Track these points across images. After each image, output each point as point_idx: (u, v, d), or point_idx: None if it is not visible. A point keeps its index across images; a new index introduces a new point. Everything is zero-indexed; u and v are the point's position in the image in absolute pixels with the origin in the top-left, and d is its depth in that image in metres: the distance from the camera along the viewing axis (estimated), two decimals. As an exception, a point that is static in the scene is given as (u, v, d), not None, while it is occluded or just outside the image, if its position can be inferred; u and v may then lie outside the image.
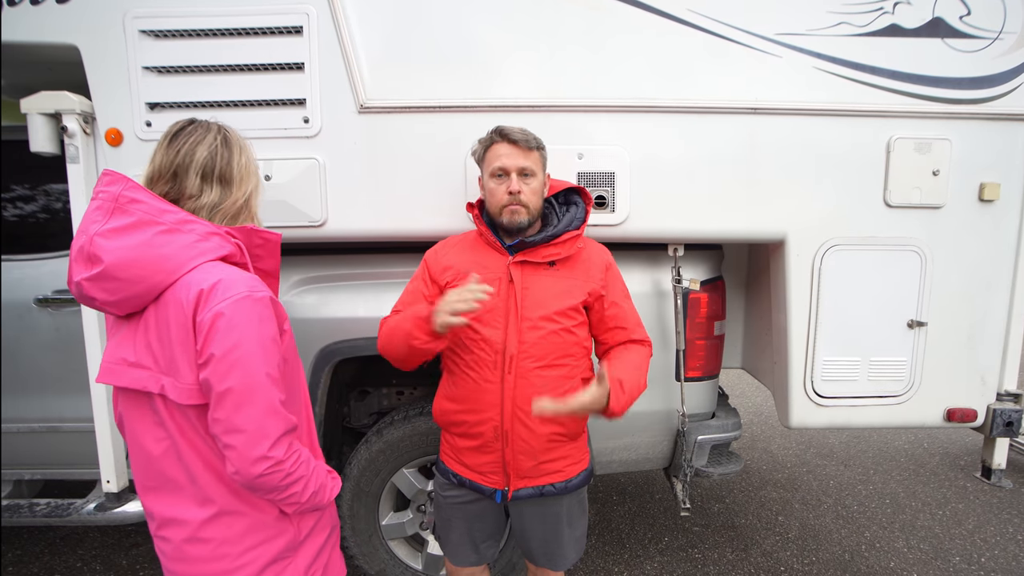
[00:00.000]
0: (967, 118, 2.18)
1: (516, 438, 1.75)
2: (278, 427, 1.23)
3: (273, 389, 1.24)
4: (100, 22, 2.12)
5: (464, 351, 1.76)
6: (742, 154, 2.19)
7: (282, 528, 1.38)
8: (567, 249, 1.78)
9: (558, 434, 1.78)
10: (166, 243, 1.23)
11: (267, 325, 1.25)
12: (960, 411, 2.36)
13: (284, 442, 1.25)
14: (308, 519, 1.43)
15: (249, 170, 1.41)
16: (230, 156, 1.36)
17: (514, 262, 1.76)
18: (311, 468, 1.34)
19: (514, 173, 1.74)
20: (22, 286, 2.45)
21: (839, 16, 2.12)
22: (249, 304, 1.22)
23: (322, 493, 1.38)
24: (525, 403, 1.72)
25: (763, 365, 2.75)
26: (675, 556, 3.20)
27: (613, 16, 2.12)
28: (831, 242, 2.25)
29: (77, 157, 2.16)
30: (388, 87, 2.16)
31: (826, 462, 4.48)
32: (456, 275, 1.79)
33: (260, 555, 1.34)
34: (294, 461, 1.27)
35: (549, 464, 1.80)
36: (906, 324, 2.30)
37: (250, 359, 1.21)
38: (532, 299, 1.74)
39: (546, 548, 1.93)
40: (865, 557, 3.21)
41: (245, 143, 1.42)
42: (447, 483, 1.90)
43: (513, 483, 1.80)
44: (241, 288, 1.22)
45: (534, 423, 1.73)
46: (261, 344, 1.23)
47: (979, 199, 2.24)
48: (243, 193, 1.38)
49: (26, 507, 2.45)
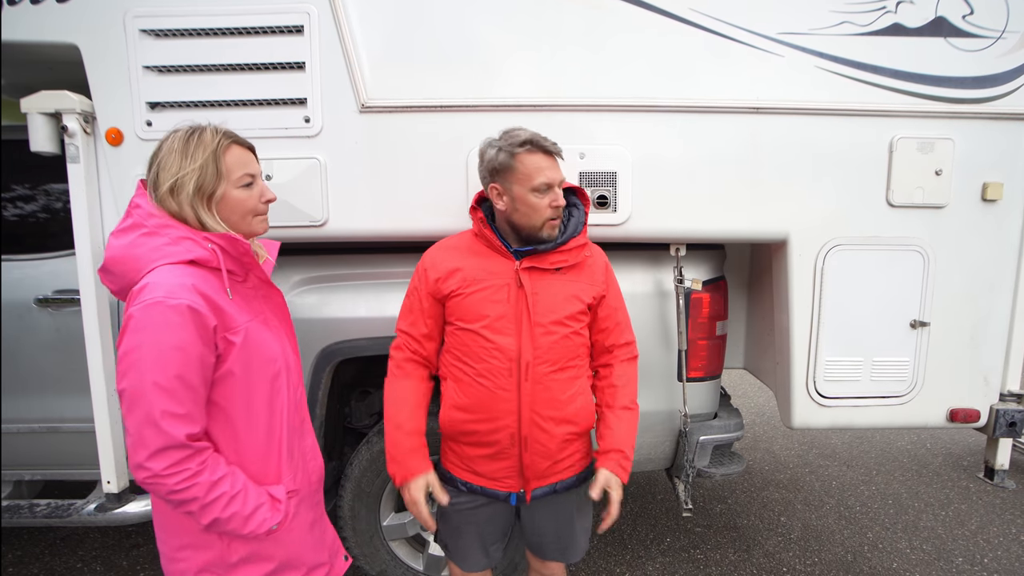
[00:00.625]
0: (970, 117, 2.19)
1: (534, 442, 1.75)
2: (155, 440, 1.21)
3: (158, 400, 1.22)
4: (100, 21, 2.12)
5: (475, 360, 1.74)
6: (744, 154, 2.20)
7: (207, 541, 1.38)
8: (575, 256, 1.80)
9: (572, 433, 1.80)
10: (142, 244, 1.32)
11: (173, 333, 1.23)
12: (963, 411, 2.37)
13: (165, 457, 1.22)
14: (237, 543, 1.39)
15: (162, 176, 1.37)
16: (157, 167, 1.38)
17: (523, 269, 1.75)
18: (219, 492, 1.29)
19: (557, 187, 1.74)
20: (22, 286, 2.45)
21: (842, 15, 2.12)
22: (159, 309, 1.23)
23: (236, 521, 1.32)
24: (543, 408, 1.74)
25: (765, 365, 2.76)
26: (677, 557, 3.21)
27: (614, 15, 2.12)
28: (833, 242, 2.26)
29: (77, 157, 2.16)
30: (389, 86, 2.16)
31: (828, 463, 4.49)
32: (465, 282, 1.75)
33: (190, 557, 1.39)
34: (182, 479, 1.24)
35: (563, 462, 1.83)
36: (909, 324, 2.31)
37: (141, 364, 1.22)
38: (543, 305, 1.74)
39: (559, 542, 1.95)
40: (868, 558, 3.21)
41: (180, 146, 1.37)
42: (454, 491, 1.87)
43: (531, 485, 1.82)
44: (158, 293, 1.24)
45: (551, 426, 1.75)
46: (158, 351, 1.23)
47: (982, 199, 2.24)
48: (160, 194, 1.36)
49: (26, 508, 2.46)
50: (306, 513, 1.55)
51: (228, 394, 1.36)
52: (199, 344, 1.27)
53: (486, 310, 1.73)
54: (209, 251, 1.34)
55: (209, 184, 1.38)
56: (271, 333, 1.49)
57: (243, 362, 1.37)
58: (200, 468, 1.27)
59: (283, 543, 1.47)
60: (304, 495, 1.55)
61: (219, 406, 1.36)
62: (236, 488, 1.33)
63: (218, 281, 1.37)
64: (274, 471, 1.45)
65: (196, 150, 1.37)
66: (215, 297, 1.32)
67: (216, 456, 1.33)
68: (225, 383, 1.35)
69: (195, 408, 1.28)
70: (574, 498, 1.92)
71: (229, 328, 1.34)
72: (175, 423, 1.23)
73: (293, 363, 1.57)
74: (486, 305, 1.73)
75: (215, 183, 1.39)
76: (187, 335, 1.25)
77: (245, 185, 1.45)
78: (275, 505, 1.40)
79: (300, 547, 1.51)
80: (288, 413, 1.49)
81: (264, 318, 1.49)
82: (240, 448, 1.40)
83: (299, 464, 1.54)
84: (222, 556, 1.39)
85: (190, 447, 1.25)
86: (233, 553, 1.39)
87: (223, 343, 1.33)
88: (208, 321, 1.29)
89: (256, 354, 1.40)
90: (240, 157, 1.44)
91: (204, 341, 1.28)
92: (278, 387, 1.46)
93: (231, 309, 1.37)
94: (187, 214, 1.36)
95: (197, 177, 1.36)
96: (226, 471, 1.32)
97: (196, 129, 1.40)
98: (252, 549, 1.41)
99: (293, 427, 1.52)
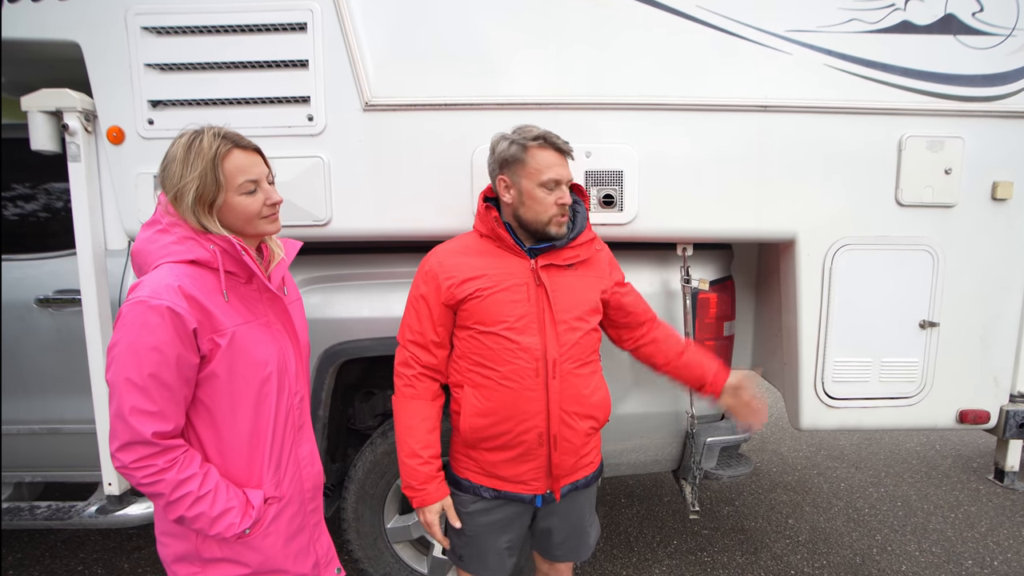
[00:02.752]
0: (980, 116, 2.20)
1: (563, 440, 1.79)
2: (123, 434, 1.28)
3: (129, 396, 1.28)
4: (102, 18, 2.14)
5: (499, 363, 1.74)
6: (752, 152, 2.22)
7: (183, 531, 1.43)
8: (586, 251, 1.85)
9: (593, 427, 1.87)
10: (155, 240, 1.39)
11: (150, 333, 1.28)
12: (972, 412, 2.38)
13: (131, 451, 1.29)
14: (210, 543, 1.43)
15: (168, 181, 1.40)
16: (163, 174, 1.41)
17: (541, 266, 1.78)
18: (185, 491, 1.33)
19: (565, 184, 1.78)
20: (23, 286, 2.47)
21: (850, 13, 2.14)
22: (141, 309, 1.29)
23: (202, 522, 1.35)
24: (571, 404, 1.78)
25: (773, 366, 2.78)
26: (684, 559, 3.24)
27: (621, 13, 2.15)
28: (842, 241, 2.27)
29: (78, 155, 2.19)
30: (393, 84, 2.18)
31: (837, 464, 4.51)
32: (481, 284, 1.74)
33: (170, 544, 1.46)
34: (147, 474, 1.30)
35: (585, 457, 1.89)
36: (918, 324, 2.32)
37: (120, 359, 1.29)
38: (564, 302, 1.78)
39: (572, 541, 2.00)
40: (876, 560, 3.24)
41: (182, 152, 1.39)
42: (473, 499, 1.87)
43: (559, 483, 1.85)
44: (144, 292, 1.30)
45: (577, 422, 1.80)
46: (134, 349, 1.28)
47: (992, 198, 2.26)
48: (177, 204, 1.39)
49: (26, 510, 2.48)
50: (290, 521, 1.55)
51: (212, 394, 1.40)
52: (178, 344, 1.31)
53: (506, 311, 1.73)
54: (210, 252, 1.38)
55: (209, 193, 1.39)
56: (269, 337, 1.50)
57: (228, 364, 1.40)
58: (168, 465, 1.31)
59: (258, 549, 1.47)
60: (292, 502, 1.55)
61: (204, 404, 1.40)
62: (204, 489, 1.35)
63: (217, 282, 1.40)
64: (256, 475, 1.47)
65: (195, 159, 1.38)
66: (203, 299, 1.35)
67: (190, 455, 1.36)
68: (209, 383, 1.39)
69: (169, 406, 1.32)
70: (586, 496, 1.98)
71: (216, 330, 1.37)
72: (143, 419, 1.28)
73: (292, 368, 1.56)
74: (506, 306, 1.74)
75: (215, 192, 1.39)
76: (165, 336, 1.29)
77: (248, 192, 1.44)
78: (247, 510, 1.41)
79: (278, 555, 1.51)
80: (278, 418, 1.50)
81: (265, 321, 1.51)
82: (223, 448, 1.43)
83: (289, 471, 1.55)
84: (197, 550, 1.43)
85: (157, 444, 1.30)
86: (207, 550, 1.43)
87: (208, 344, 1.37)
88: (188, 323, 1.32)
89: (243, 357, 1.42)
90: (241, 162, 1.43)
91: (184, 342, 1.32)
92: (267, 391, 1.47)
93: (222, 311, 1.39)
94: (190, 220, 1.40)
95: (196, 187, 1.37)
96: (196, 471, 1.35)
97: (197, 134, 1.40)
98: (226, 551, 1.44)
99: (285, 433, 1.53)
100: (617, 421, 2.44)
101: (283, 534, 1.53)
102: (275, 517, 1.50)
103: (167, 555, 1.46)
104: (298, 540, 1.58)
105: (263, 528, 1.46)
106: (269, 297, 1.54)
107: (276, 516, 1.50)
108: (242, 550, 1.45)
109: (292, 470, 1.56)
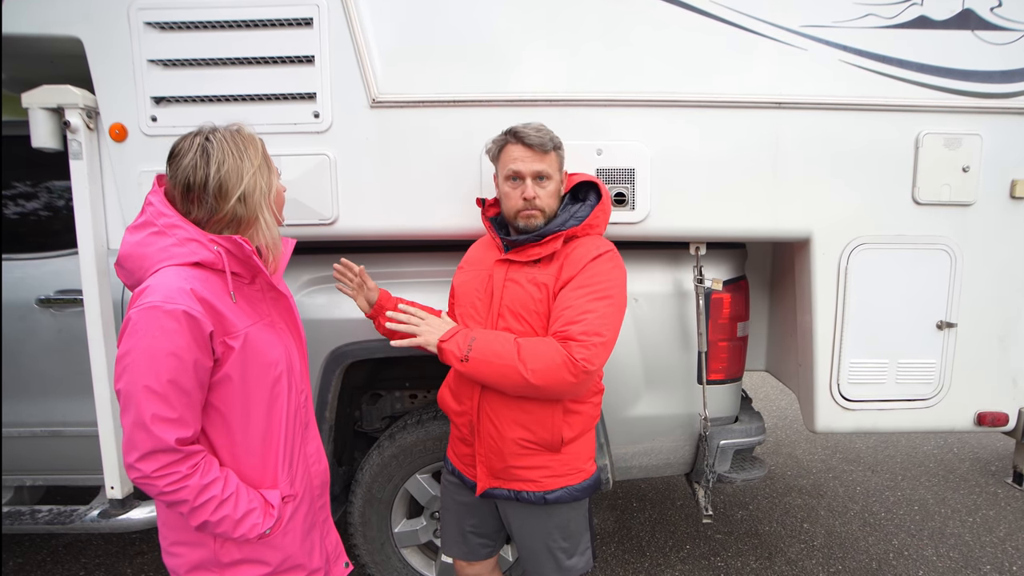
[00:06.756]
0: (998, 113, 2.23)
1: (485, 435, 1.87)
2: (145, 443, 1.28)
3: (150, 403, 1.28)
4: (104, 14, 2.17)
5: None
6: (766, 150, 2.25)
7: (201, 539, 1.45)
8: (547, 250, 1.84)
9: (527, 440, 1.83)
10: (151, 243, 1.39)
11: (167, 338, 1.29)
12: (991, 415, 2.41)
13: (154, 460, 1.29)
14: (230, 545, 1.46)
15: (230, 182, 1.42)
16: (207, 173, 1.41)
17: (498, 260, 1.89)
18: (209, 496, 1.35)
19: (529, 178, 1.83)
20: (24, 286, 2.51)
21: (866, 7, 2.17)
22: (155, 314, 1.29)
23: (226, 525, 1.38)
24: (493, 401, 1.83)
25: (787, 367, 2.82)
26: (697, 564, 3.29)
27: (634, 8, 2.18)
28: (858, 240, 2.30)
29: (80, 153, 2.21)
30: (401, 81, 2.21)
31: (853, 467, 4.55)
32: (462, 266, 2.03)
33: (184, 553, 1.47)
34: (171, 481, 1.31)
35: (522, 471, 1.86)
36: (935, 325, 2.35)
37: (135, 367, 1.29)
38: (509, 297, 1.84)
39: (531, 563, 1.99)
40: (893, 565, 3.28)
41: (233, 149, 1.43)
42: (448, 473, 2.09)
43: (484, 479, 1.90)
44: (156, 297, 1.30)
45: (500, 423, 1.83)
46: (151, 355, 1.28)
47: (1011, 196, 2.28)
48: (229, 204, 1.43)
49: (28, 514, 2.51)
50: (305, 518, 1.61)
51: (225, 398, 1.43)
52: (195, 349, 1.32)
53: (467, 295, 1.94)
54: (214, 254, 1.40)
55: (271, 183, 1.50)
56: (276, 336, 1.54)
57: (241, 367, 1.43)
58: (190, 471, 1.33)
59: (278, 547, 1.52)
60: (304, 499, 1.61)
61: (217, 409, 1.43)
62: (227, 492, 1.38)
63: (222, 283, 1.43)
64: (271, 475, 1.50)
65: (250, 151, 1.45)
66: (215, 301, 1.38)
67: (209, 460, 1.39)
68: (222, 387, 1.42)
69: (188, 412, 1.34)
70: (545, 522, 1.92)
71: (228, 332, 1.40)
72: (165, 427, 1.29)
73: (298, 366, 1.62)
74: (468, 291, 1.95)
75: (270, 180, 1.50)
76: (182, 341, 1.30)
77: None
78: (268, 510, 1.46)
79: (297, 551, 1.57)
80: (288, 417, 1.54)
81: (270, 320, 1.55)
82: (236, 451, 1.46)
83: (299, 469, 1.60)
84: (215, 556, 1.46)
85: (180, 451, 1.31)
86: (226, 554, 1.46)
87: (221, 347, 1.39)
88: (204, 327, 1.34)
89: (256, 359, 1.46)
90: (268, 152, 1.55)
91: (200, 346, 1.34)
92: (278, 392, 1.51)
93: (232, 313, 1.42)
94: (262, 216, 1.47)
95: (265, 179, 1.48)
96: (217, 475, 1.39)
97: (230, 127, 1.47)
98: (246, 552, 1.48)
99: (294, 431, 1.58)
100: (628, 424, 2.50)
101: (299, 531, 1.59)
102: (292, 514, 1.55)
103: (179, 565, 1.48)
104: (312, 535, 1.64)
105: (283, 526, 1.51)
106: (273, 296, 1.58)
107: (293, 513, 1.56)
108: (263, 549, 1.50)
109: (302, 468, 1.62)
